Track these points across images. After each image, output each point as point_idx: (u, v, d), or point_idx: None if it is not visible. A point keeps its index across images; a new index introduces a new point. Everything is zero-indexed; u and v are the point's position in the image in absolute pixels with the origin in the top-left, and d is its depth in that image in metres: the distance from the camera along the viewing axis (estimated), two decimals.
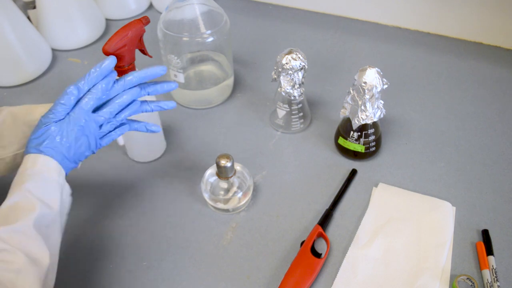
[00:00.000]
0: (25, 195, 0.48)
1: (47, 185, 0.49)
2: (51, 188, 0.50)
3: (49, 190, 0.49)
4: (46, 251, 0.46)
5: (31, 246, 0.45)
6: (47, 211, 0.48)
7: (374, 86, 0.64)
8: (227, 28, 0.79)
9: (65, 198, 0.52)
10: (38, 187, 0.49)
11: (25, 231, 0.45)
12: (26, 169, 0.49)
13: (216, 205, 0.67)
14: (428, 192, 0.69)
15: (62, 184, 0.51)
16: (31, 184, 0.48)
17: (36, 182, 0.49)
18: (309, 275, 0.58)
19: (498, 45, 0.95)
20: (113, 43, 0.58)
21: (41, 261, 0.45)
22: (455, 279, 0.58)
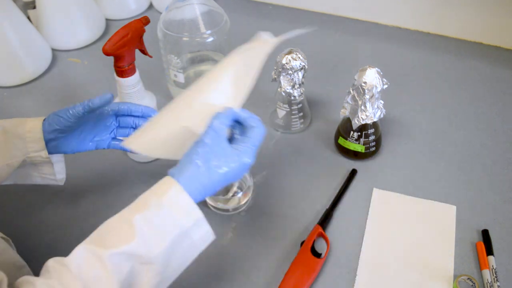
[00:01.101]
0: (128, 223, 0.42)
1: (160, 221, 0.43)
2: (164, 226, 0.43)
3: (159, 229, 0.43)
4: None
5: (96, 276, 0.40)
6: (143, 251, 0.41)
7: (374, 86, 0.64)
8: (227, 28, 0.79)
9: (196, 238, 0.45)
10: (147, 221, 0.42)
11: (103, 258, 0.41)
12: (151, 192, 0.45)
13: (216, 205, 0.67)
14: (428, 192, 0.69)
15: (188, 226, 0.44)
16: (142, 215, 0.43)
17: (147, 213, 0.43)
18: (309, 275, 0.58)
19: (498, 45, 0.95)
20: (113, 43, 0.58)
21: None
22: (456, 279, 0.58)
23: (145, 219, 0.42)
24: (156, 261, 0.42)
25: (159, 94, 0.88)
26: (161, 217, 0.43)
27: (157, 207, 0.43)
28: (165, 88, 0.87)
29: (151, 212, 0.43)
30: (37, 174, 0.61)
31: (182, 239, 0.44)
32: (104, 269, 0.40)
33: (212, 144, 0.46)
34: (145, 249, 0.42)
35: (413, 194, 0.69)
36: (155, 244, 0.42)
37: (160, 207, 0.43)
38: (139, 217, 0.42)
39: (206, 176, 0.45)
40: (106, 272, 0.40)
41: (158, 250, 0.42)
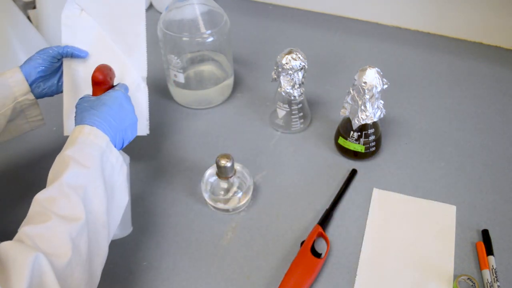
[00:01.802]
0: (61, 157, 0.50)
1: (84, 147, 0.51)
2: (88, 149, 0.51)
3: (86, 151, 0.51)
4: (80, 208, 0.47)
5: (63, 204, 0.47)
6: (81, 170, 0.49)
7: (374, 86, 0.64)
8: (227, 28, 0.79)
9: (113, 161, 0.54)
10: (75, 150, 0.51)
11: (59, 189, 0.47)
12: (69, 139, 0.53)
13: (216, 205, 0.67)
14: (428, 192, 0.69)
15: (104, 147, 0.53)
16: (70, 149, 0.51)
17: (73, 146, 0.51)
18: (309, 275, 0.58)
19: (498, 45, 0.95)
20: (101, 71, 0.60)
21: (72, 218, 0.46)
22: (456, 279, 0.58)
23: (73, 151, 0.51)
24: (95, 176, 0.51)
25: (159, 94, 0.88)
26: (82, 145, 0.52)
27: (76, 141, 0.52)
28: (165, 88, 0.87)
29: (73, 145, 0.52)
30: (25, 121, 0.65)
31: (105, 160, 0.53)
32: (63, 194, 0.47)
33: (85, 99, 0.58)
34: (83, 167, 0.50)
35: (413, 194, 0.69)
36: (88, 163, 0.51)
37: (77, 140, 0.52)
38: (69, 152, 0.51)
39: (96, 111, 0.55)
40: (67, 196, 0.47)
41: (92, 166, 0.51)
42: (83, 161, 0.50)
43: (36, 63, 0.63)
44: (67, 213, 0.47)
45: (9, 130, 0.64)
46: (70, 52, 0.65)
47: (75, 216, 0.47)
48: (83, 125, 0.53)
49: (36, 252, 0.41)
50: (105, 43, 0.66)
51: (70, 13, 0.67)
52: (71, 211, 0.47)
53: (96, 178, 0.50)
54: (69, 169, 0.49)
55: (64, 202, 0.47)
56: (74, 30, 0.66)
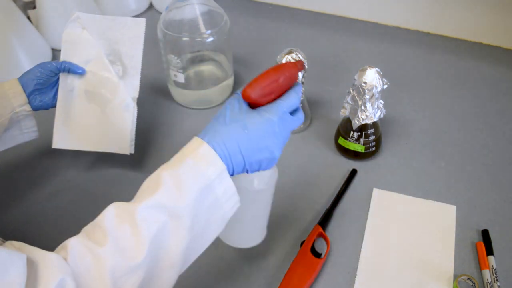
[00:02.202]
0: (158, 177, 0.43)
1: (187, 172, 0.43)
2: (190, 177, 0.42)
3: (187, 179, 0.42)
4: (143, 248, 0.40)
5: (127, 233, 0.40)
6: (170, 200, 0.41)
7: (374, 86, 0.64)
8: (227, 28, 0.79)
9: (219, 194, 0.44)
10: (175, 172, 0.43)
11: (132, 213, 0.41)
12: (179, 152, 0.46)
13: None
14: (428, 192, 0.69)
15: (212, 178, 0.43)
16: (169, 168, 0.44)
17: (179, 166, 0.43)
18: (309, 275, 0.58)
19: (498, 45, 0.95)
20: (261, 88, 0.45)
21: (130, 254, 0.40)
22: (456, 279, 0.58)
23: (171, 174, 0.43)
24: (184, 213, 0.42)
25: (159, 94, 0.88)
26: (186, 169, 0.43)
27: (183, 162, 0.44)
28: (165, 88, 0.87)
29: (177, 166, 0.43)
30: (19, 133, 0.67)
31: (207, 192, 0.43)
32: (133, 223, 0.40)
33: (231, 108, 0.46)
34: (171, 200, 0.42)
35: (413, 194, 0.69)
36: (181, 195, 0.42)
37: (185, 161, 0.43)
38: (166, 173, 0.43)
39: (227, 132, 0.45)
40: (136, 227, 0.40)
41: (184, 201, 0.42)
42: (178, 191, 0.42)
43: (34, 76, 0.65)
44: (126, 245, 0.40)
45: (4, 141, 0.65)
46: (68, 67, 0.67)
47: (133, 253, 0.40)
48: (203, 142, 0.44)
49: (62, 276, 0.37)
50: (102, 62, 0.68)
51: (71, 31, 0.69)
52: (132, 246, 0.40)
53: (183, 214, 0.42)
54: (155, 196, 0.41)
55: (129, 232, 0.40)
56: (73, 47, 0.68)
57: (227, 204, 0.45)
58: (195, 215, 0.43)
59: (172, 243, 0.42)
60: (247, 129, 0.44)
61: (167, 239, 0.42)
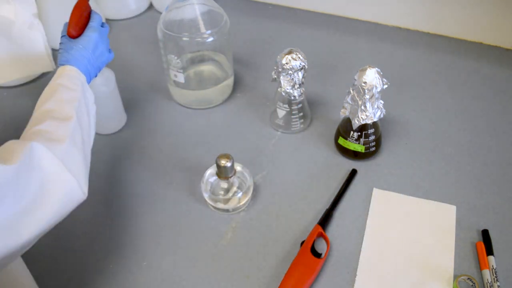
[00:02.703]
0: (51, 85, 0.59)
1: (69, 79, 0.60)
2: (72, 80, 0.60)
3: (71, 81, 0.60)
4: (71, 111, 0.55)
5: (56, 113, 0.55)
6: (69, 92, 0.58)
7: (374, 86, 0.64)
8: (227, 28, 0.79)
9: (88, 97, 0.61)
10: (62, 80, 0.59)
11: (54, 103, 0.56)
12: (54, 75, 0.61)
13: (216, 205, 0.67)
14: (428, 192, 0.69)
15: (83, 81, 0.61)
16: (57, 80, 0.59)
17: (59, 78, 0.60)
18: (309, 275, 0.58)
19: (498, 45, 0.95)
20: (75, 25, 0.64)
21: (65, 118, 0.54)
22: (456, 279, 0.58)
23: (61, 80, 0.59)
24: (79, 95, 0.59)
25: (159, 94, 0.88)
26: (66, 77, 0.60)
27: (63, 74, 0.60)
28: (165, 88, 0.87)
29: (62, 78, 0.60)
30: None
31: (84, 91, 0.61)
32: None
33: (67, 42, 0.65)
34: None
35: (413, 194, 0.69)
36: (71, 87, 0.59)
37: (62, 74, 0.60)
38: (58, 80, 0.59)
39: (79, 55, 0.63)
40: None
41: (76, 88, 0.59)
42: (71, 86, 0.59)
43: None
44: (61, 116, 0.54)
45: None
46: None
47: (67, 116, 0.55)
48: (66, 65, 0.61)
49: (31, 142, 0.48)
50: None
51: None
52: (64, 114, 0.55)
53: (80, 98, 0.58)
54: (60, 90, 0.57)
55: (58, 111, 0.55)
56: None
57: (93, 108, 0.63)
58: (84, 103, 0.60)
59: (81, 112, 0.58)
60: (85, 47, 0.64)
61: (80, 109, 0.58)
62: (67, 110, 0.55)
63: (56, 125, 0.53)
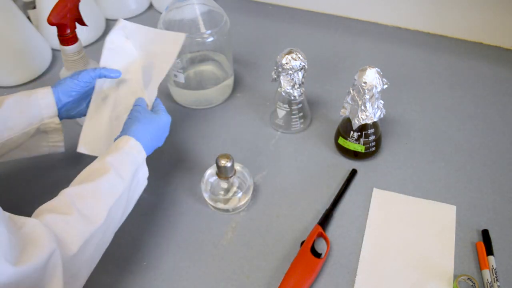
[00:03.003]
0: (103, 162, 0.54)
1: (126, 159, 0.55)
2: (128, 162, 0.56)
3: (126, 163, 0.55)
4: (104, 212, 0.51)
5: (90, 204, 0.50)
6: (117, 180, 0.53)
7: (374, 86, 0.64)
8: (227, 28, 0.79)
9: (140, 177, 0.58)
10: (117, 159, 0.55)
11: (92, 190, 0.51)
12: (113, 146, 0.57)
13: (216, 205, 0.67)
14: (428, 192, 0.69)
15: (140, 163, 0.57)
16: (112, 156, 0.55)
17: (116, 154, 0.55)
18: (309, 275, 0.58)
19: (498, 45, 0.95)
20: (57, 13, 0.64)
21: (93, 219, 0.50)
22: (456, 279, 0.58)
23: (115, 160, 0.55)
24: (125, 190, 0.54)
25: (159, 94, 0.88)
26: (123, 155, 0.56)
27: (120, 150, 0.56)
28: (165, 88, 0.87)
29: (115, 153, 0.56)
30: (45, 144, 0.65)
31: (136, 174, 0.57)
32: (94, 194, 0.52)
33: (142, 112, 0.62)
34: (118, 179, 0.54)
35: (413, 194, 0.69)
36: (122, 175, 0.54)
37: (121, 150, 0.56)
38: (112, 159, 0.55)
39: (144, 128, 0.60)
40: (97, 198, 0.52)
41: (126, 180, 0.55)
42: (122, 172, 0.54)
43: (69, 88, 0.64)
44: (89, 214, 0.50)
45: (29, 149, 0.64)
46: (104, 74, 0.65)
47: (95, 219, 0.50)
48: (130, 137, 0.57)
49: (56, 245, 0.45)
50: (137, 74, 0.68)
51: (115, 38, 0.68)
52: (95, 213, 0.50)
53: (125, 191, 0.54)
54: (108, 175, 0.52)
55: (91, 202, 0.50)
56: (114, 55, 0.68)
57: (142, 186, 0.59)
58: (128, 194, 0.55)
59: (117, 214, 0.54)
60: (157, 127, 0.62)
61: (115, 211, 0.53)
62: (99, 211, 0.51)
63: (78, 224, 0.49)
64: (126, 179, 0.54)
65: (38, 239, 0.44)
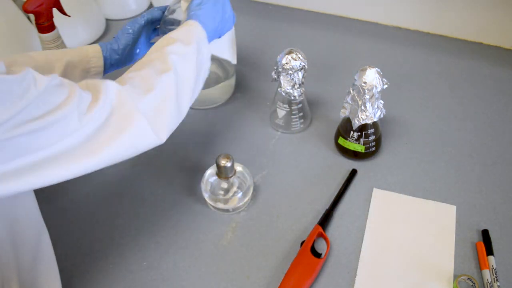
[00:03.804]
0: (168, 38, 0.59)
1: (188, 33, 0.60)
2: (190, 35, 0.60)
3: (188, 36, 0.60)
4: (170, 64, 0.55)
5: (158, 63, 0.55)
6: (183, 46, 0.58)
7: (374, 86, 0.64)
8: None
9: (204, 53, 0.61)
10: (180, 34, 0.59)
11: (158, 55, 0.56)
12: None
13: (216, 205, 0.67)
14: (428, 192, 0.69)
15: (201, 38, 0.61)
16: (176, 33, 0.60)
17: (179, 32, 0.60)
18: (309, 275, 0.58)
19: (498, 45, 0.95)
20: (32, 2, 0.67)
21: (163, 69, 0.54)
22: (456, 279, 0.58)
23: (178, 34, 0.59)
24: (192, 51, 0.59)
25: None
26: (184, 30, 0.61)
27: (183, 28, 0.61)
28: None
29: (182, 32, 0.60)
30: None
31: (200, 47, 0.60)
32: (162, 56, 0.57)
33: None
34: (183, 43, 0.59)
35: (413, 194, 0.69)
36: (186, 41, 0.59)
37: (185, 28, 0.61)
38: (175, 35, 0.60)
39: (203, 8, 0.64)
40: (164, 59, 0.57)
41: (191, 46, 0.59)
42: (186, 41, 0.59)
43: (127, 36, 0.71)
44: (160, 68, 0.55)
45: None
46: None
47: (166, 68, 0.55)
48: (191, 20, 0.62)
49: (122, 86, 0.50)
50: None
51: None
52: (164, 66, 0.55)
53: (192, 55, 0.59)
54: (174, 44, 0.57)
55: (159, 62, 0.55)
56: None
57: (208, 62, 0.63)
58: (196, 61, 0.59)
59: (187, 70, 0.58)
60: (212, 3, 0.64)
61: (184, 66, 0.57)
62: (169, 62, 0.55)
63: (151, 74, 0.53)
64: (191, 43, 0.59)
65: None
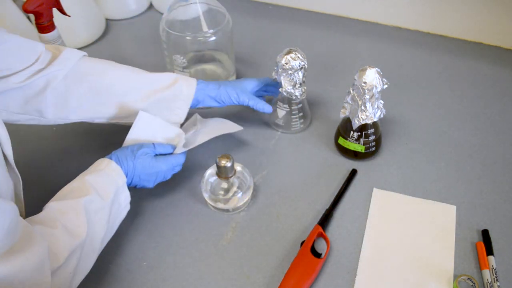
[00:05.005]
0: (83, 183, 0.56)
1: (106, 180, 0.58)
2: (107, 183, 0.58)
3: (106, 185, 0.58)
4: (85, 228, 0.52)
5: (72, 219, 0.52)
6: (97, 200, 0.55)
7: (374, 86, 0.64)
8: (229, 27, 0.79)
9: (122, 200, 0.60)
10: (97, 180, 0.57)
11: (74, 207, 0.53)
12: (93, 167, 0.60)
13: (216, 205, 0.67)
14: (428, 192, 0.69)
15: (120, 185, 0.59)
16: (91, 176, 0.57)
17: (97, 175, 0.58)
18: (309, 275, 0.58)
19: (498, 45, 0.95)
20: (32, 2, 0.68)
21: (76, 233, 0.52)
22: (456, 279, 0.58)
23: (96, 181, 0.57)
24: (107, 206, 0.57)
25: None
26: (104, 177, 0.59)
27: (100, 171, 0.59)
28: None
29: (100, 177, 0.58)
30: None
31: (117, 196, 0.59)
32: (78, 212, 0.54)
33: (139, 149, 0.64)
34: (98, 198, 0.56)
35: (413, 194, 0.69)
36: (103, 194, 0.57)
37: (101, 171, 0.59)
38: (92, 179, 0.57)
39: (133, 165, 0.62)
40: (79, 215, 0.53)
41: (107, 200, 0.57)
42: (102, 193, 0.56)
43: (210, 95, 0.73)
44: (72, 228, 0.52)
45: None
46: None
47: (78, 233, 0.52)
48: (111, 160, 0.60)
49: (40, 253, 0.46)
50: None
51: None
52: (77, 228, 0.52)
53: (105, 210, 0.56)
54: (90, 196, 0.55)
55: (73, 217, 0.53)
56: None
57: (124, 210, 0.61)
58: (109, 215, 0.57)
59: (97, 231, 0.55)
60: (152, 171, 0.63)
61: (95, 227, 0.55)
62: (82, 227, 0.52)
63: (62, 236, 0.51)
64: (106, 200, 0.57)
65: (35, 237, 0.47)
